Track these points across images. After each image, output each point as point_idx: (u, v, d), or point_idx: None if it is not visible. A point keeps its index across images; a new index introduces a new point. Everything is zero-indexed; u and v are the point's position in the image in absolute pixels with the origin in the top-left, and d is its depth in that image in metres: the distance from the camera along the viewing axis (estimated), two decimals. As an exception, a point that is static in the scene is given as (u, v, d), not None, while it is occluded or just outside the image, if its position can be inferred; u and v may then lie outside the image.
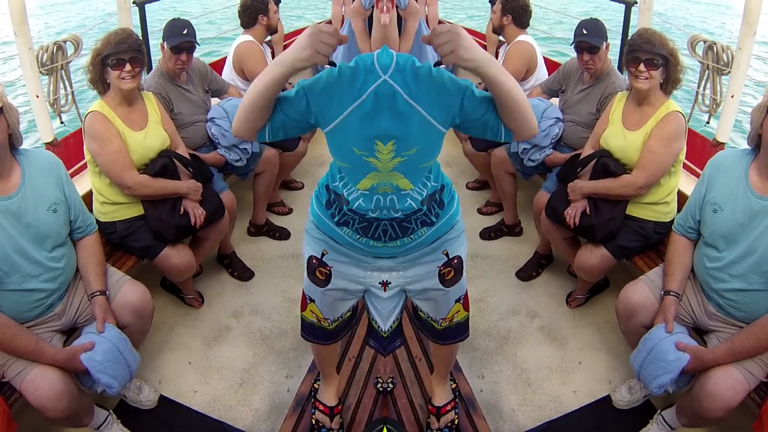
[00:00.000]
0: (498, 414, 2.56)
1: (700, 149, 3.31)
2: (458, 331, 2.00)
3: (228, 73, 3.74)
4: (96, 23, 4.10)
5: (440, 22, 6.15)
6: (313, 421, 2.20)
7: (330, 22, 5.54)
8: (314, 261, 1.81)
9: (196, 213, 2.79)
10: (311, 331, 2.01)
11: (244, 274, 3.45)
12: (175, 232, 2.76)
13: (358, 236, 1.69)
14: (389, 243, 1.70)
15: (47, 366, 2.04)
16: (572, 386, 2.71)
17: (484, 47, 5.53)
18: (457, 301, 1.89)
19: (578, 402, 2.62)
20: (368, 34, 2.31)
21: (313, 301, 1.91)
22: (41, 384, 2.00)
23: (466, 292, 1.92)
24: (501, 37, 4.02)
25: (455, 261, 1.79)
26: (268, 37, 4.14)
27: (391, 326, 1.93)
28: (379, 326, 1.95)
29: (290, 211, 4.14)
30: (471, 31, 6.10)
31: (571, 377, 2.76)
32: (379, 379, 2.28)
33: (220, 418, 2.54)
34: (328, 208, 1.69)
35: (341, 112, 1.48)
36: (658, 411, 2.41)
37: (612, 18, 4.97)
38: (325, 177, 1.72)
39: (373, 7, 1.69)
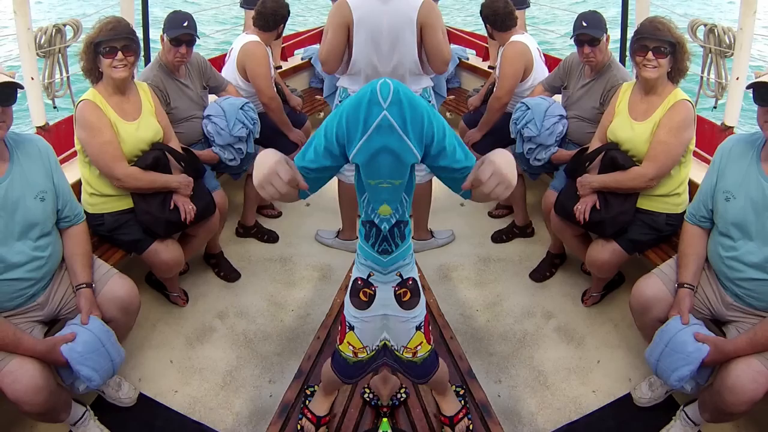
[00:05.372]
0: (517, 418, 2.53)
1: (709, 135, 3.27)
2: (426, 369, 1.97)
3: (230, 72, 3.73)
4: (97, 9, 4.10)
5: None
6: (299, 427, 2.17)
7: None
8: (359, 282, 1.79)
9: (187, 208, 2.77)
10: (343, 369, 1.97)
11: (230, 274, 3.45)
12: (165, 227, 2.75)
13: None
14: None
15: (26, 358, 1.99)
16: (591, 386, 2.67)
17: (486, 50, 5.54)
18: (418, 328, 1.85)
19: (598, 402, 2.59)
20: None
21: (352, 329, 1.87)
22: (19, 377, 1.95)
23: (427, 319, 1.88)
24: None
25: (410, 282, 1.78)
26: None
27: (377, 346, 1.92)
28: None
29: (279, 214, 4.15)
30: (472, 34, 6.10)
31: (589, 377, 2.72)
32: (366, 390, 2.25)
33: (200, 419, 2.52)
34: (368, 240, 1.69)
35: (355, 144, 1.45)
36: (681, 407, 2.37)
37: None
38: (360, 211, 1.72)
39: None
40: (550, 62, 3.98)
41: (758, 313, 2.16)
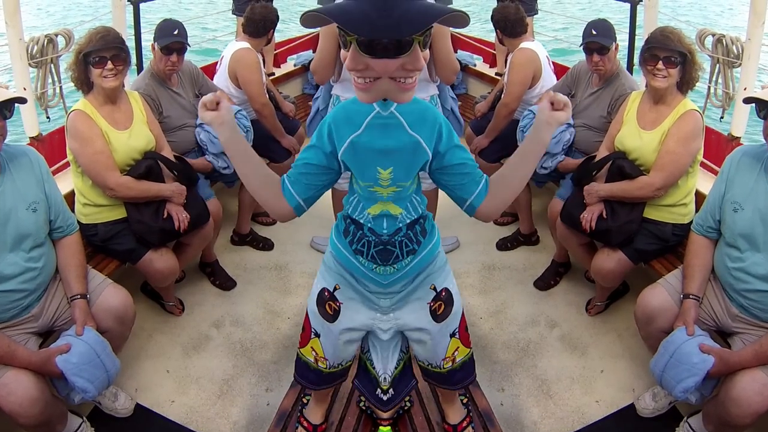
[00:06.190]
0: (519, 427, 2.53)
1: (716, 145, 3.26)
2: (466, 373, 1.97)
3: (222, 80, 3.73)
4: (89, 19, 4.10)
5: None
6: None
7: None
8: (326, 294, 1.79)
9: (180, 217, 2.77)
10: (305, 374, 1.98)
11: (226, 283, 3.44)
12: (159, 236, 2.75)
13: (374, 266, 1.67)
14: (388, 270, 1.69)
15: (21, 370, 1.99)
16: (595, 396, 2.67)
17: (494, 56, 5.54)
18: (452, 335, 1.85)
19: (601, 412, 2.58)
20: None
21: (318, 336, 1.87)
22: (14, 389, 1.95)
23: (462, 324, 1.88)
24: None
25: (443, 294, 1.78)
26: None
27: (392, 373, 1.90)
28: (377, 373, 1.92)
29: (275, 221, 4.10)
30: (479, 40, 6.11)
31: (593, 387, 2.72)
32: (362, 399, 2.24)
33: (197, 429, 2.51)
34: (345, 236, 1.68)
35: (344, 141, 1.49)
36: (685, 418, 2.37)
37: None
38: (344, 208, 1.71)
39: None
40: (559, 70, 3.98)
41: (764, 324, 2.15)
